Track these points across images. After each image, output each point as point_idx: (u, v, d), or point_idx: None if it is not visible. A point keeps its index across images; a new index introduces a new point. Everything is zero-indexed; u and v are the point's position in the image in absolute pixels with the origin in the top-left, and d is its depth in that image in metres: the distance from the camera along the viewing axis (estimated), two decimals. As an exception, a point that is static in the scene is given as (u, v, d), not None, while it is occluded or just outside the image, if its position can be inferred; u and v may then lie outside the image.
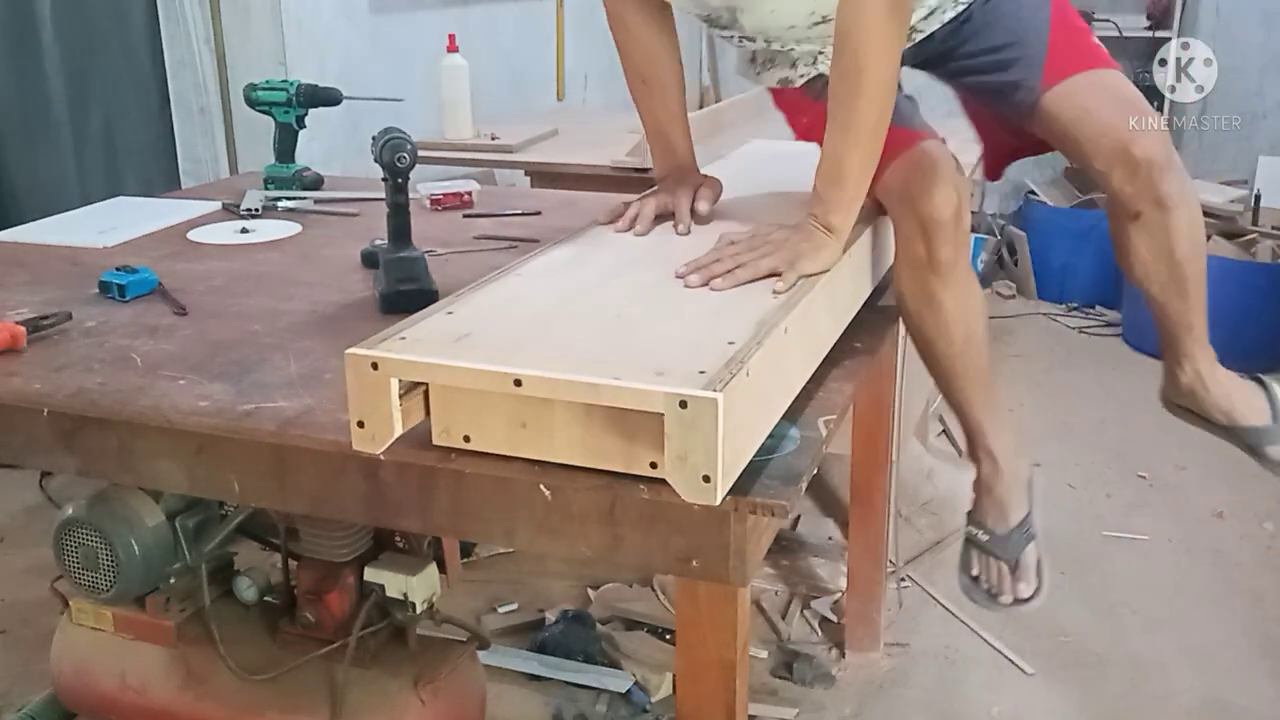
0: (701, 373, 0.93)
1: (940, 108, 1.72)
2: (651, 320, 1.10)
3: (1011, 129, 1.61)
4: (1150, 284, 1.57)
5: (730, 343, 1.01)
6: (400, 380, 0.99)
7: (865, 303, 1.47)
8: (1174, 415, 1.73)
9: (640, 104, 1.59)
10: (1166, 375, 1.68)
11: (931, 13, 1.50)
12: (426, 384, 1.02)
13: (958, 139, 1.64)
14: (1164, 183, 1.45)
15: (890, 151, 1.38)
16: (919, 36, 1.53)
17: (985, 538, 1.66)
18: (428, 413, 1.03)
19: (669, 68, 1.58)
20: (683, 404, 0.89)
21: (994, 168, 1.77)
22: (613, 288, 1.20)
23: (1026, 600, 1.66)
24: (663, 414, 0.90)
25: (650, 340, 1.04)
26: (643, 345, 1.02)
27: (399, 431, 1.00)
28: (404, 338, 1.03)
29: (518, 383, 0.94)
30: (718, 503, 0.92)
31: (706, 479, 0.91)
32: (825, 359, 1.26)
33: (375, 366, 0.98)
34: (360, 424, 1.01)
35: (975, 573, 1.68)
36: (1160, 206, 1.47)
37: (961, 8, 1.51)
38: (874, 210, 1.44)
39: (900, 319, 1.54)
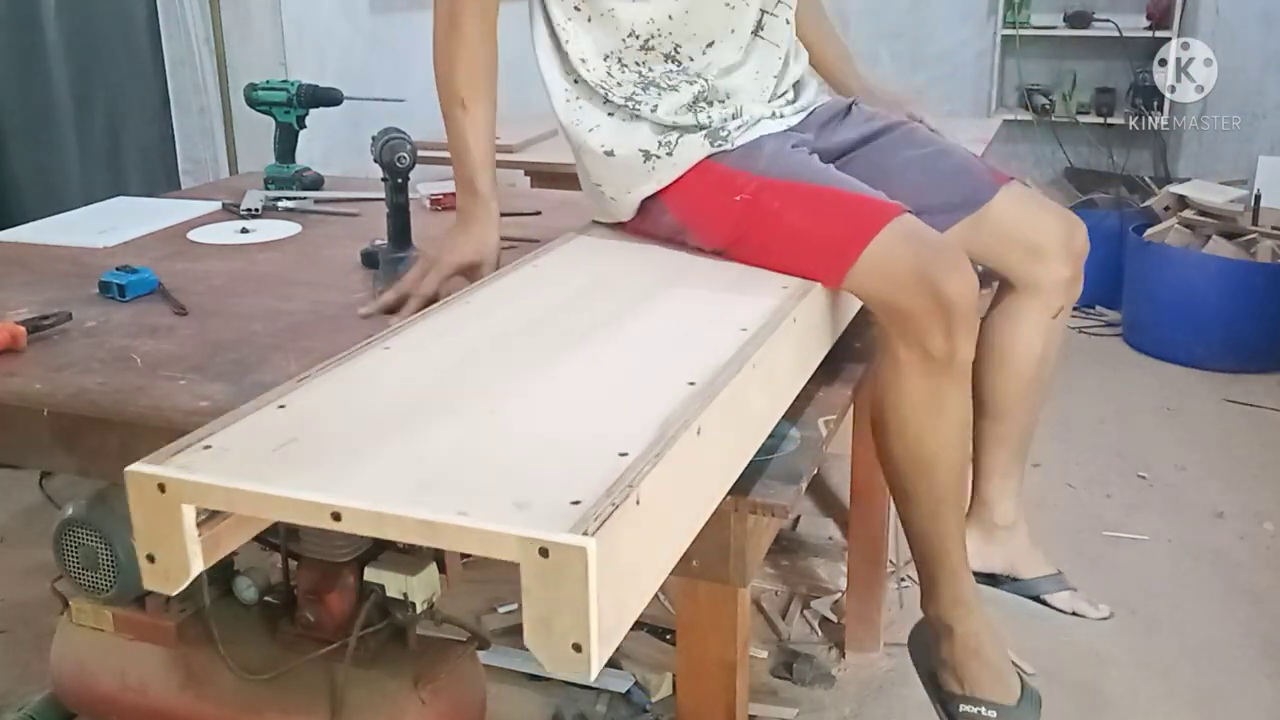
0: (574, 503, 0.73)
1: (939, 107, 1.72)
2: (531, 419, 0.90)
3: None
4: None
5: (622, 454, 0.80)
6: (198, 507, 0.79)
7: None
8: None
9: (451, 128, 1.37)
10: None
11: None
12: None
13: (959, 137, 1.63)
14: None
15: (858, 224, 1.23)
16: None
17: (993, 714, 1.38)
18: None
19: (491, 90, 1.39)
20: (543, 552, 0.69)
21: None
22: (492, 371, 1.00)
23: None
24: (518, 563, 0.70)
25: (522, 451, 0.83)
26: (510, 459, 0.82)
27: (198, 570, 0.81)
28: (209, 446, 0.83)
29: (336, 516, 0.75)
30: (592, 677, 0.71)
31: (577, 648, 0.70)
32: (825, 359, 1.26)
33: (163, 489, 0.78)
34: (150, 558, 0.80)
35: None
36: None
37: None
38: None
39: (877, 441, 1.33)
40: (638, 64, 1.34)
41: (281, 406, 0.91)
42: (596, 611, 0.69)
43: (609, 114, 1.35)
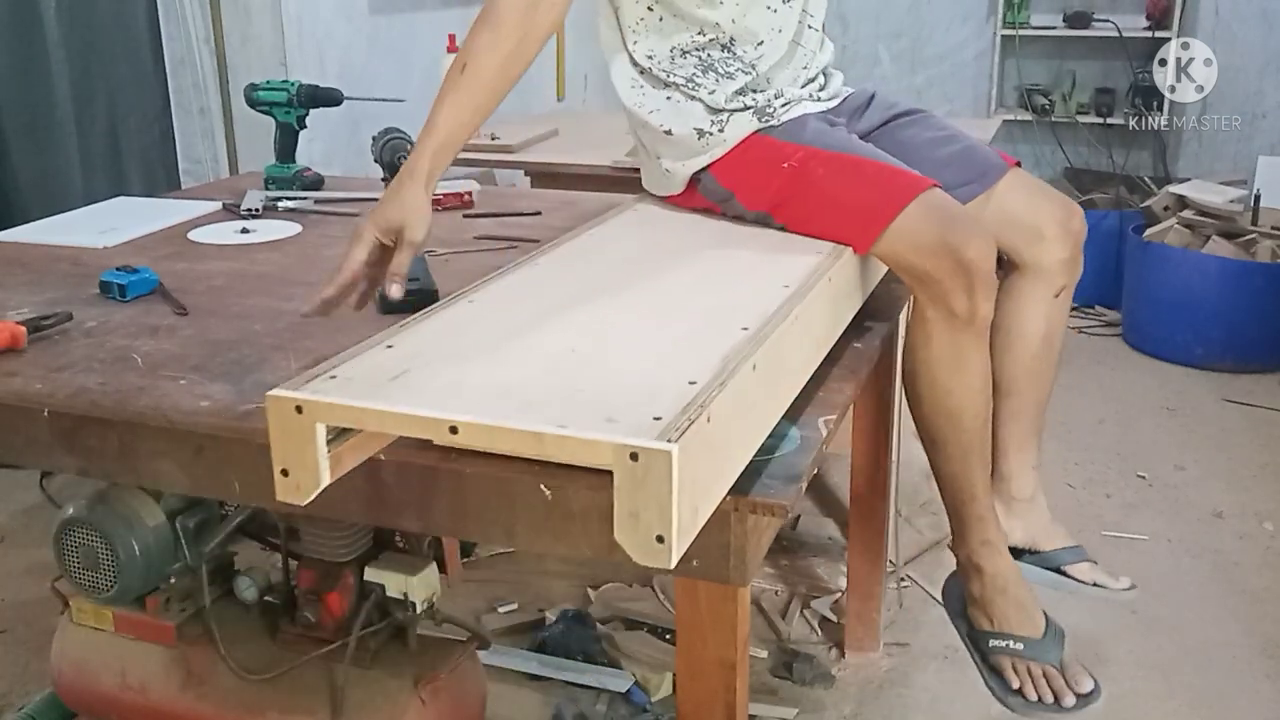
0: (656, 419, 0.84)
1: (939, 108, 1.73)
2: (607, 356, 1.01)
3: None
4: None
5: (692, 383, 0.92)
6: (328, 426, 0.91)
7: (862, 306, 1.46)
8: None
9: (442, 91, 1.29)
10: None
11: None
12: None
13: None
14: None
15: (892, 193, 1.35)
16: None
17: (1020, 646, 1.50)
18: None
19: (499, 80, 1.33)
20: (633, 456, 0.80)
21: None
22: (570, 317, 1.12)
23: (1090, 695, 1.49)
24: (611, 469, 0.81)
25: (604, 380, 0.95)
26: (595, 386, 0.94)
27: (326, 481, 0.92)
28: (334, 376, 0.94)
29: (453, 430, 0.86)
30: (671, 566, 0.82)
31: (660, 539, 0.81)
32: (825, 359, 1.26)
33: (300, 410, 0.89)
34: (284, 472, 0.92)
35: (1017, 685, 1.50)
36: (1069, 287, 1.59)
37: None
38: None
39: (909, 394, 1.46)
40: (698, 49, 1.48)
41: (389, 346, 1.02)
42: (678, 507, 0.80)
43: (667, 98, 1.49)
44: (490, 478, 1.00)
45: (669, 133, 1.48)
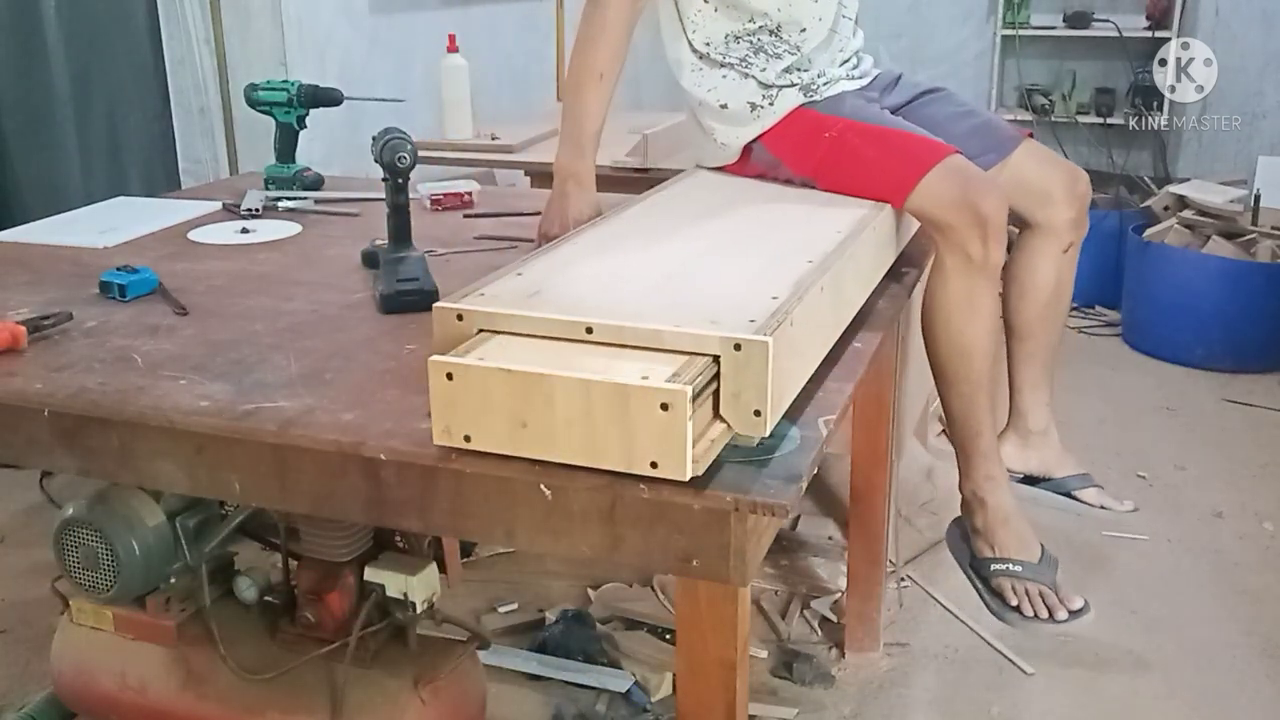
0: (751, 321, 1.02)
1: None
2: (700, 280, 1.18)
3: None
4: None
5: (774, 298, 1.10)
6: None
7: (866, 303, 1.47)
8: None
9: (588, 97, 1.60)
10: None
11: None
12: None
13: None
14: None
15: (919, 159, 1.54)
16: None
17: (1019, 568, 1.68)
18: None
19: (619, 73, 1.62)
20: (737, 347, 0.97)
21: None
22: (661, 252, 1.30)
23: (1080, 611, 1.68)
24: (718, 356, 0.98)
25: (702, 296, 1.12)
26: (695, 300, 1.10)
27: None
28: (483, 294, 1.11)
29: (589, 330, 1.01)
30: (766, 432, 0.98)
31: (757, 413, 0.98)
32: (825, 359, 1.26)
33: (460, 318, 1.06)
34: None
35: (1015, 603, 1.69)
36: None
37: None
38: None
39: (926, 336, 1.64)
40: (750, 34, 1.67)
41: (519, 274, 1.18)
42: (772, 387, 0.97)
43: (723, 76, 1.68)
44: (490, 478, 1.00)
45: (724, 106, 1.67)
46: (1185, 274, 3.66)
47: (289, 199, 2.04)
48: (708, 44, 1.68)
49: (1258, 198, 3.60)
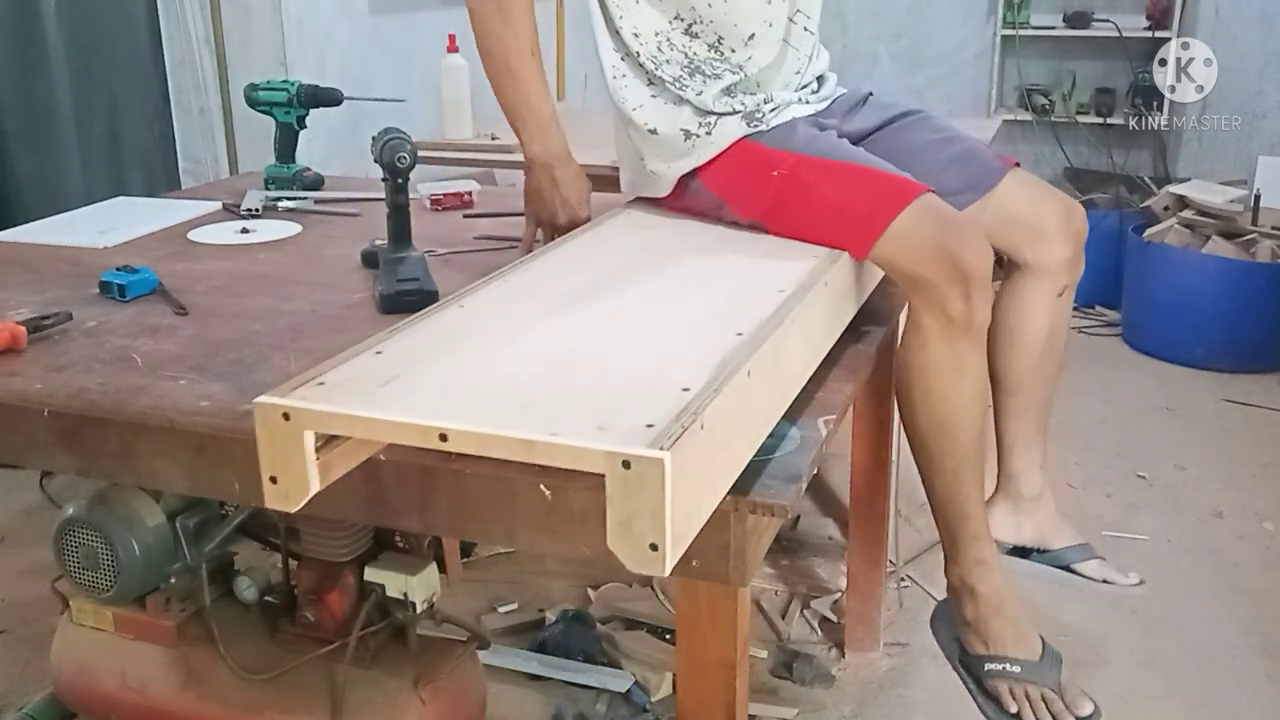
0: (649, 426, 0.83)
1: (939, 108, 1.74)
2: (600, 361, 1.01)
3: None
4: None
5: (685, 389, 0.91)
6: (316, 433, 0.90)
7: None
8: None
9: (528, 78, 1.47)
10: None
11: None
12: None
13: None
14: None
15: (885, 199, 1.33)
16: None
17: (1017, 669, 1.45)
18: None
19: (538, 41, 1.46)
20: (625, 464, 0.79)
21: None
22: (562, 322, 1.11)
23: (1090, 718, 1.45)
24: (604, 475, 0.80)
25: (596, 386, 0.95)
26: (587, 392, 0.93)
27: (315, 489, 0.91)
28: (322, 383, 0.93)
29: (443, 437, 0.84)
30: (666, 573, 0.82)
31: (654, 547, 0.80)
32: (825, 359, 1.26)
33: (287, 417, 0.88)
34: (273, 479, 0.90)
35: (1014, 710, 1.45)
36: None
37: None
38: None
39: (902, 405, 1.44)
40: (684, 47, 1.45)
41: (378, 352, 1.01)
42: (671, 516, 0.79)
43: (652, 95, 1.46)
44: (490, 478, 1.00)
45: (654, 131, 1.46)
46: (1185, 274, 3.66)
47: (289, 199, 2.04)
48: (636, 36, 1.46)
49: (1258, 198, 3.60)
